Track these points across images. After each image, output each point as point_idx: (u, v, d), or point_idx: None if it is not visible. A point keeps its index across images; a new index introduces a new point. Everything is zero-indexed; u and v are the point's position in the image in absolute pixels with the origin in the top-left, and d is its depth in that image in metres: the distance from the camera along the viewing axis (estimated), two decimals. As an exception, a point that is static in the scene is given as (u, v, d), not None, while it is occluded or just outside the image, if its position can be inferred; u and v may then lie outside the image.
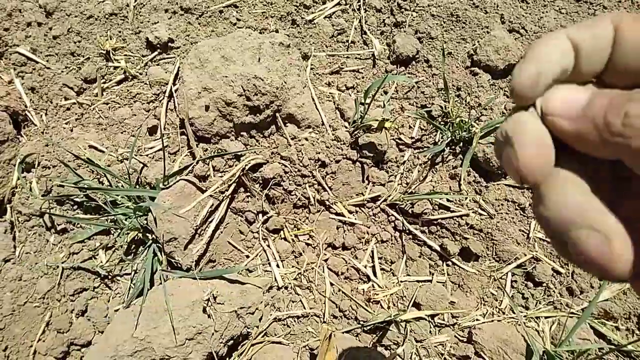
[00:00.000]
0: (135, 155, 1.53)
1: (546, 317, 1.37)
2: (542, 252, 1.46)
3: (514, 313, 1.40)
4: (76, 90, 1.66)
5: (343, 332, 1.36)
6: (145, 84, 1.65)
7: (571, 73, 0.36)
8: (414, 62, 1.70)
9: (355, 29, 1.78)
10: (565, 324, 1.32)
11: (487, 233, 1.49)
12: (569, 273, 1.43)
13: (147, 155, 1.55)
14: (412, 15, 1.73)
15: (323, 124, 1.58)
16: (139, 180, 1.50)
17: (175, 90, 1.60)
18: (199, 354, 1.24)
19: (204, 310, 1.26)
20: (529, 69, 0.34)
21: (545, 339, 1.32)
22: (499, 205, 1.51)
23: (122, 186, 1.49)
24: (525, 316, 1.38)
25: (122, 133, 1.60)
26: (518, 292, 1.45)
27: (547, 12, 1.70)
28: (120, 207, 1.47)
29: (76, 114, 1.65)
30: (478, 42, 1.64)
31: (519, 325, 1.35)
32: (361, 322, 1.39)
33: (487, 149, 1.49)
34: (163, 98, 1.61)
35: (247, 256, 1.50)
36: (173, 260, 1.41)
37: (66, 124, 1.64)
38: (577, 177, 0.34)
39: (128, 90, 1.66)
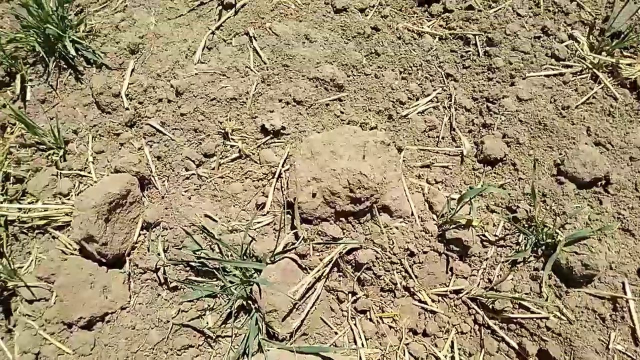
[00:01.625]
0: (245, 228, 1.73)
1: None
2: (622, 365, 1.51)
3: None
4: (196, 163, 1.90)
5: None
6: (257, 163, 1.88)
7: None
8: (500, 164, 1.83)
9: (445, 125, 1.95)
10: None
11: (566, 338, 1.56)
12: (648, 390, 1.47)
13: (255, 230, 1.75)
14: (500, 118, 1.88)
15: (412, 214, 1.73)
16: (247, 251, 1.69)
17: (286, 170, 1.81)
18: None
19: (302, 385, 1.40)
20: None
21: None
22: (579, 312, 1.58)
23: (232, 256, 1.68)
24: None
25: (234, 206, 1.82)
26: (595, 402, 1.50)
27: (633, 127, 1.81)
28: (229, 275, 1.66)
29: (195, 184, 1.88)
30: (565, 152, 1.75)
31: None
32: (442, 413, 1.48)
33: (571, 257, 1.58)
34: (272, 178, 1.82)
35: (336, 333, 1.64)
36: (271, 330, 1.57)
37: (185, 192, 1.88)
38: None
39: (241, 167, 1.88)
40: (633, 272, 1.59)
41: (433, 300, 1.67)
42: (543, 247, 1.67)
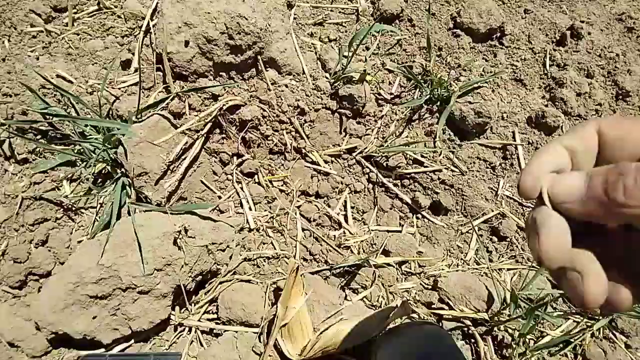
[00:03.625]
0: (107, 88, 1.47)
1: (508, 269, 1.43)
2: (509, 208, 1.51)
3: (478, 265, 1.45)
4: (44, 17, 1.57)
5: (312, 273, 1.37)
6: (120, 17, 1.59)
7: (572, 168, 0.44)
8: (397, 20, 1.70)
9: (341, -18, 1.76)
10: (527, 275, 1.38)
11: (458, 189, 1.53)
12: (531, 230, 1.49)
13: (119, 89, 1.49)
14: (397, -26, 1.73)
15: (304, 72, 1.57)
16: (110, 112, 1.44)
17: (154, 25, 1.54)
18: (167, 286, 1.22)
19: (175, 242, 1.23)
20: (530, 174, 0.42)
21: (506, 288, 1.38)
22: (471, 163, 1.54)
23: (92, 117, 1.43)
24: (488, 268, 1.43)
25: (93, 65, 1.53)
26: (483, 245, 1.50)
27: (528, -18, 1.74)
28: (88, 139, 1.41)
29: (43, 42, 1.56)
30: (462, 4, 1.66)
31: (482, 275, 1.40)
32: (331, 265, 1.40)
33: (464, 107, 1.52)
34: (139, 33, 1.55)
35: (220, 197, 1.48)
36: (142, 196, 1.37)
37: (32, 51, 1.55)
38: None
39: (101, 23, 1.58)
40: (523, 121, 1.57)
41: (326, 161, 1.56)
42: (438, 103, 1.60)
